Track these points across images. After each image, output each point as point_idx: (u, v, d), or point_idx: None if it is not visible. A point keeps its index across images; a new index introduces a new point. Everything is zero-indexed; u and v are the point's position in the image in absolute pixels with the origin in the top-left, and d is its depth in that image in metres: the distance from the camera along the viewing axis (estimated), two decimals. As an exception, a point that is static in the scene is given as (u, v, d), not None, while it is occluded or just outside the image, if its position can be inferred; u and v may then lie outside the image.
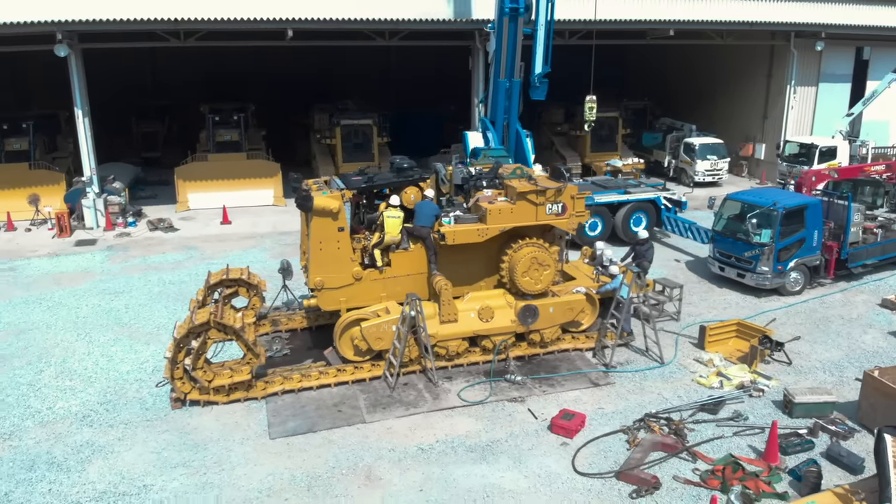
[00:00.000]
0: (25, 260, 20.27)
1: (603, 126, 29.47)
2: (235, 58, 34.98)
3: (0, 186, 23.71)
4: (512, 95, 20.51)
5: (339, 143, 27.11)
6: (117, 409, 12.01)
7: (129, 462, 10.48)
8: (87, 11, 20.24)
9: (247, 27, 22.05)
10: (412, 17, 23.47)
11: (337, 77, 37.92)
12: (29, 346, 14.49)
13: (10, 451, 10.72)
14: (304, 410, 11.91)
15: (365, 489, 9.82)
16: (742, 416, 11.47)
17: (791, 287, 16.87)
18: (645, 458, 10.31)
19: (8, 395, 12.44)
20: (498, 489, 9.76)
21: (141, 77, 37.62)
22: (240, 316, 12.42)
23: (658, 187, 22.00)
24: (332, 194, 12.68)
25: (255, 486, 9.91)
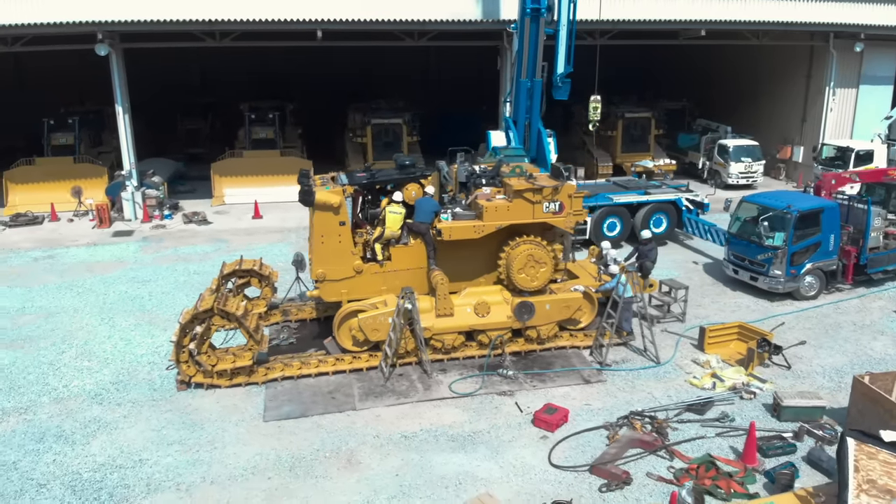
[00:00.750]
0: (64, 249, 21.40)
1: (635, 126, 29.31)
2: (279, 58, 35.99)
3: (46, 179, 25.00)
4: (534, 95, 20.68)
5: (370, 142, 27.67)
6: (127, 388, 12.72)
7: (130, 438, 11.12)
8: (126, 12, 21.28)
9: (277, 28, 22.76)
10: (440, 18, 23.83)
11: (377, 77, 38.53)
12: (56, 328, 15.39)
13: (23, 424, 11.50)
14: (300, 396, 12.39)
15: (344, 471, 10.22)
16: (728, 418, 11.45)
17: (806, 291, 16.59)
18: (621, 453, 10.43)
19: (30, 372, 13.29)
20: (471, 477, 10.04)
21: (189, 75, 38.97)
22: (243, 304, 12.99)
23: (681, 189, 21.81)
24: (333, 190, 13.14)
25: (241, 464, 10.42)
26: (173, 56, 33.85)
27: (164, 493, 9.75)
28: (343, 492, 9.75)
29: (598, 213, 20.40)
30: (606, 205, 20.47)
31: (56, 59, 29.15)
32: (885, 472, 8.00)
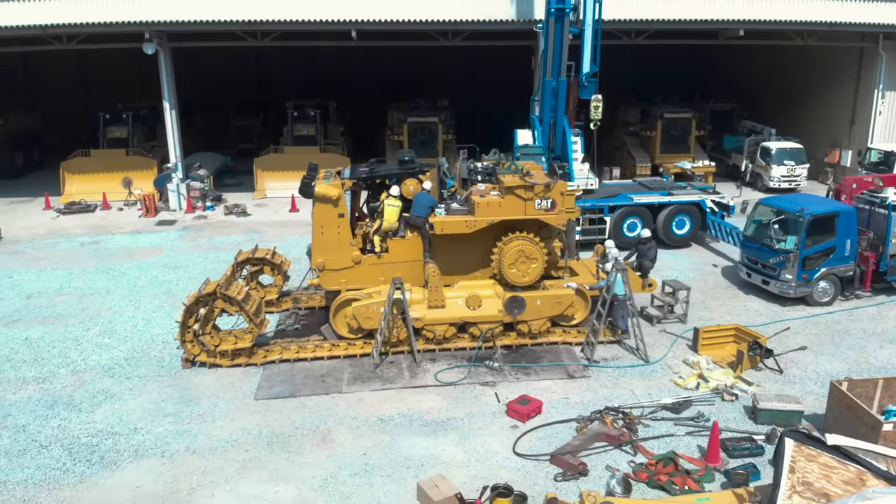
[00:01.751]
0: (110, 235, 22.80)
1: (675, 127, 28.93)
2: (331, 58, 37.16)
3: (99, 170, 26.62)
4: (559, 94, 20.86)
5: (406, 140, 28.27)
6: (138, 364, 13.65)
7: (130, 409, 11.99)
8: (172, 13, 22.45)
9: (313, 28, 23.58)
10: (473, 18, 24.17)
11: (424, 77, 39.13)
12: (86, 307, 16.55)
13: (39, 392, 12.54)
14: (293, 378, 13.04)
15: (317, 448, 10.78)
16: (703, 418, 11.45)
17: (819, 297, 16.24)
18: (585, 445, 10.62)
19: (54, 346, 14.40)
20: (434, 459, 10.44)
21: (247, 74, 40.55)
22: (245, 289, 13.74)
23: (707, 190, 21.53)
24: (332, 183, 13.74)
25: (225, 437, 11.12)
26: (233, 56, 35.55)
27: (149, 459, 10.52)
28: (311, 466, 10.31)
29: (618, 213, 20.39)
30: (626, 205, 20.42)
31: (117, 58, 31.09)
32: (824, 475, 7.97)
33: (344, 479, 10.02)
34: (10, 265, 19.64)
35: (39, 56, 32.03)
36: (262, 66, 40.25)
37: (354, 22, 23.34)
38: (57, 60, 33.78)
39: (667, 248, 20.77)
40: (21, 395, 12.43)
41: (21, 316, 16.00)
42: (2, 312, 16.16)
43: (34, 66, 37.11)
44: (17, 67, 36.47)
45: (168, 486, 9.88)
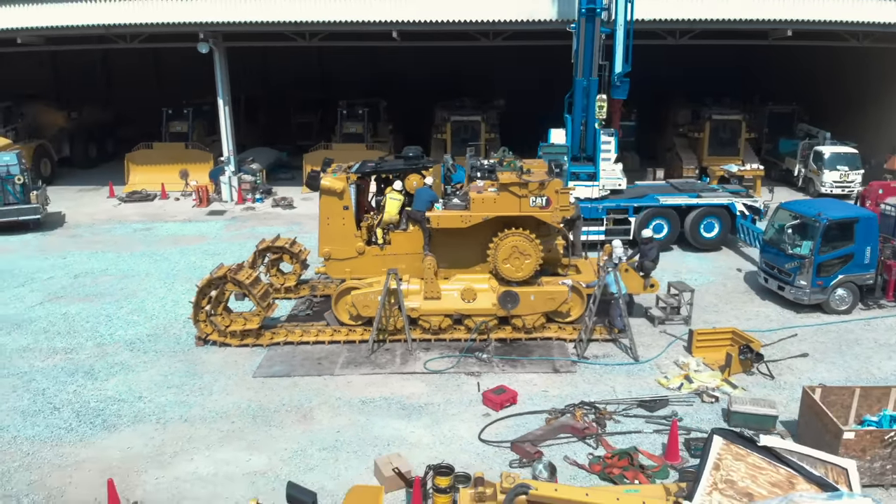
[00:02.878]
0: (162, 223, 24.36)
1: (724, 129, 28.33)
2: (389, 59, 38.09)
3: (160, 161, 28.37)
4: (590, 94, 20.97)
5: (449, 138, 28.82)
6: (157, 340, 14.75)
7: (141, 380, 13.05)
8: (224, 14, 23.78)
9: (356, 29, 24.49)
10: (513, 19, 24.46)
11: (476, 77, 39.40)
12: (124, 287, 17.90)
13: (64, 361, 13.78)
14: (292, 359, 13.83)
15: (296, 424, 11.49)
16: (677, 417, 11.51)
17: (836, 305, 15.80)
18: (548, 436, 10.91)
19: (87, 321, 15.71)
20: (401, 440, 10.96)
21: (310, 72, 42.02)
22: (255, 274, 14.63)
23: (740, 193, 21.12)
24: (338, 176, 14.45)
25: (216, 409, 11.99)
26: (297, 56, 36.99)
27: (145, 425, 11.49)
28: (286, 439, 11.03)
29: (643, 214, 20.30)
30: (652, 206, 20.31)
31: (187, 56, 32.91)
32: (750, 475, 8.03)
33: (312, 452, 10.67)
34: (67, 247, 21.35)
35: (118, 54, 34.34)
36: (324, 66, 41.57)
37: (396, 23, 24.03)
38: (134, 58, 36.06)
39: (695, 251, 20.58)
40: (48, 362, 13.70)
41: (65, 293, 17.47)
42: (49, 289, 17.68)
43: (112, 64, 39.69)
44: (96, 64, 39.06)
45: (155, 449, 10.79)
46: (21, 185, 22.22)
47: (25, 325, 15.40)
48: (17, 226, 22.59)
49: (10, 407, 11.97)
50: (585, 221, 20.22)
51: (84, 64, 38.14)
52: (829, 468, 8.51)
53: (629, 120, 32.65)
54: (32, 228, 22.89)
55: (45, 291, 17.52)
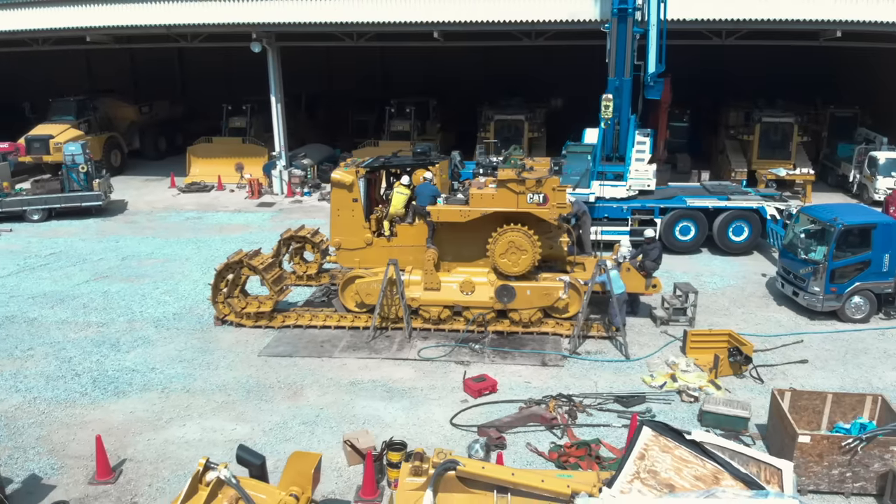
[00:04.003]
0: (213, 212, 25.84)
1: (775, 132, 27.58)
2: (446, 60, 38.79)
3: (219, 155, 29.99)
4: (622, 94, 21.03)
5: (493, 137, 29.18)
6: (181, 319, 15.89)
7: (157, 353, 14.16)
8: (275, 14, 25.02)
9: (399, 29, 25.26)
10: (554, 19, 24.64)
11: (530, 77, 39.62)
12: (164, 270, 19.23)
13: (95, 333, 15.08)
14: (298, 341, 14.66)
15: (285, 400, 12.28)
16: (650, 414, 11.65)
17: (852, 313, 15.39)
18: (515, 423, 11.27)
19: (123, 299, 17.05)
20: (378, 420, 11.56)
21: (372, 72, 43.24)
22: (270, 260, 15.56)
23: (774, 197, 20.65)
24: (348, 170, 15.18)
25: (217, 382, 12.92)
26: (361, 56, 38.19)
27: (151, 393, 12.53)
28: (272, 413, 11.82)
29: (670, 215, 20.17)
30: (678, 207, 20.15)
31: (257, 55, 34.66)
32: (675, 467, 8.19)
33: (293, 426, 11.42)
34: (122, 232, 23.03)
35: (192, 52, 36.36)
36: (385, 66, 42.68)
37: (438, 23, 24.66)
38: (207, 56, 38.04)
39: (724, 254, 20.29)
40: (81, 334, 15.02)
41: (111, 273, 18.95)
42: (97, 269, 19.22)
43: (188, 62, 42.01)
44: (173, 62, 41.45)
45: (154, 415, 11.79)
46: (85, 173, 24.08)
47: (68, 301, 16.87)
48: (81, 211, 24.49)
49: (37, 371, 13.27)
50: (610, 221, 20.44)
51: (160, 62, 40.61)
52: (763, 468, 8.54)
53: (682, 121, 32.26)
54: (94, 214, 24.75)
55: (92, 271, 19.06)
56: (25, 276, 18.58)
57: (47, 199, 23.86)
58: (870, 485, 9.58)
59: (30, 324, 15.49)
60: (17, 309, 16.33)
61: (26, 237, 22.27)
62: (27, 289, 17.65)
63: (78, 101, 30.68)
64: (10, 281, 18.22)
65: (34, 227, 23.36)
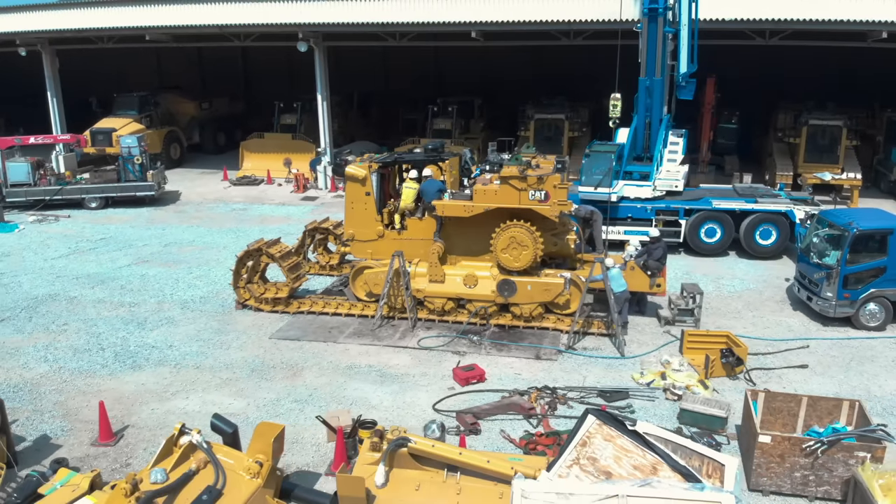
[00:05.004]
0: (259, 205, 27.03)
1: (823, 135, 26.79)
2: (498, 58, 39.11)
3: (269, 150, 31.28)
4: (653, 94, 21.03)
5: (532, 136, 29.41)
6: (206, 302, 16.90)
7: (178, 332, 15.17)
8: (320, 15, 26.01)
9: (439, 29, 25.87)
10: (592, 18, 24.70)
11: (577, 76, 39.46)
12: (201, 257, 20.38)
13: (126, 312, 16.23)
14: (309, 326, 15.41)
15: (283, 380, 13.02)
16: (629, 409, 11.81)
17: (866, 320, 15.02)
18: (494, 411, 11.64)
19: (158, 282, 18.22)
20: (365, 402, 12.15)
21: (426, 71, 43.98)
22: (288, 249, 16.39)
23: (806, 201, 20.19)
24: (361, 165, 15.83)
25: (226, 361, 13.78)
26: (417, 56, 39.03)
27: (164, 368, 13.50)
28: (268, 391, 12.57)
29: (695, 217, 20.00)
30: (704, 209, 19.96)
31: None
32: (615, 456, 8.44)
33: (285, 403, 12.13)
34: (170, 220, 24.45)
35: (256, 51, 37.89)
36: (439, 66, 43.34)
37: (473, 23, 25.13)
38: (269, 55, 39.59)
39: (751, 258, 19.99)
40: (113, 313, 16.21)
41: (151, 258, 20.23)
42: (140, 254, 20.55)
43: (251, 60, 43.74)
44: (237, 60, 43.26)
45: (162, 387, 12.72)
46: (140, 164, 25.63)
47: (108, 282, 18.17)
48: (135, 200, 26.08)
49: (67, 344, 14.46)
50: (634, 221, 20.43)
51: (225, 60, 42.47)
52: (707, 462, 8.69)
53: (731, 122, 31.65)
54: (147, 203, 26.31)
55: (135, 256, 20.40)
56: (74, 259, 20.06)
57: (104, 188, 25.54)
58: (834, 489, 9.53)
59: (69, 302, 16.80)
60: (60, 288, 17.71)
61: (82, 223, 23.95)
62: (73, 270, 19.08)
63: (140, 96, 32.55)
64: (59, 262, 19.72)
65: (91, 214, 25.06)
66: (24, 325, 15.40)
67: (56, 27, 28.25)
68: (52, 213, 24.64)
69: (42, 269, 19.11)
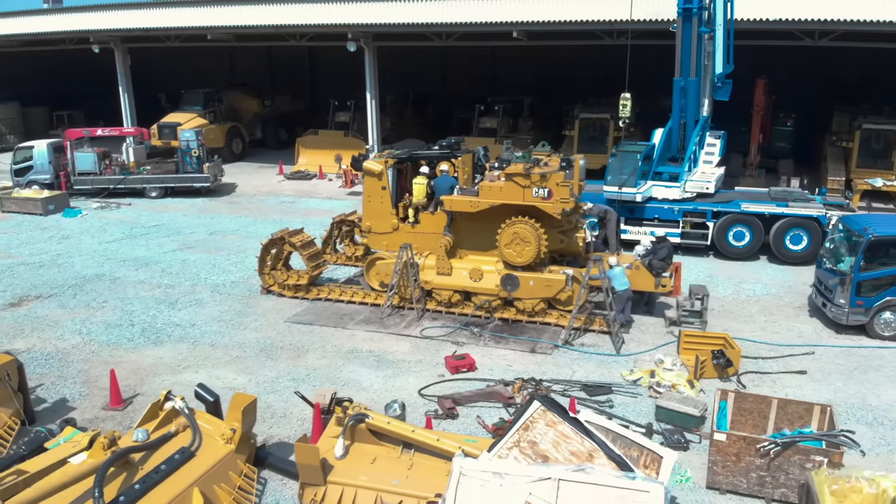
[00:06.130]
0: (307, 198, 28.22)
1: (877, 139, 25.77)
2: (553, 59, 39.22)
3: (323, 146, 32.50)
4: (687, 94, 20.94)
5: (577, 135, 29.46)
6: (235, 287, 17.99)
7: (203, 313, 16.27)
8: (368, 16, 26.95)
9: (482, 29, 26.35)
10: (635, 18, 24.59)
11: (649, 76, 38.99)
12: (241, 244, 21.58)
13: (161, 293, 17.48)
14: (323, 313, 16.24)
15: (287, 360, 13.85)
16: (609, 404, 12.03)
17: (881, 329, 14.62)
18: (475, 398, 12.09)
19: (196, 267, 19.47)
20: (356, 384, 12.83)
21: (483, 71, 44.44)
22: (312, 239, 17.28)
23: (841, 206, 19.62)
24: (377, 161, 16.52)
25: (240, 340, 14.75)
26: (475, 56, 39.66)
27: (182, 344, 14.57)
28: (271, 369, 13.42)
29: (723, 219, 19.76)
30: (732, 212, 19.69)
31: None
32: (554, 442, 8.79)
33: (283, 381, 12.95)
34: (220, 210, 25.89)
35: (322, 51, 39.35)
36: (497, 66, 43.72)
37: (515, 23, 25.49)
38: (334, 54, 40.90)
39: (781, 263, 19.59)
40: (150, 293, 17.50)
41: (195, 245, 21.58)
42: (186, 241, 21.95)
43: (318, 59, 45.33)
44: (304, 59, 44.93)
45: (176, 361, 13.78)
46: (197, 157, 27.22)
47: (151, 265, 19.56)
48: (192, 191, 27.71)
49: (101, 319, 15.77)
50: (661, 223, 20.34)
51: (293, 59, 44.20)
52: (646, 453, 8.94)
53: (786, 125, 30.77)
54: (203, 194, 27.90)
55: (181, 242, 21.80)
56: (126, 243, 21.64)
57: (163, 178, 27.28)
58: (791, 492, 9.52)
59: (113, 282, 18.23)
60: (108, 269, 19.21)
61: (140, 210, 25.69)
62: (123, 253, 20.61)
63: (205, 93, 34.42)
64: (112, 246, 21.33)
65: (150, 203, 26.82)
66: (68, 301, 16.86)
67: (126, 26, 30.36)
68: (114, 201, 26.54)
69: (95, 252, 20.73)
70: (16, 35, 33.20)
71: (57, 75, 42.66)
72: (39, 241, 21.84)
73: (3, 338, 14.69)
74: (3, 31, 32.78)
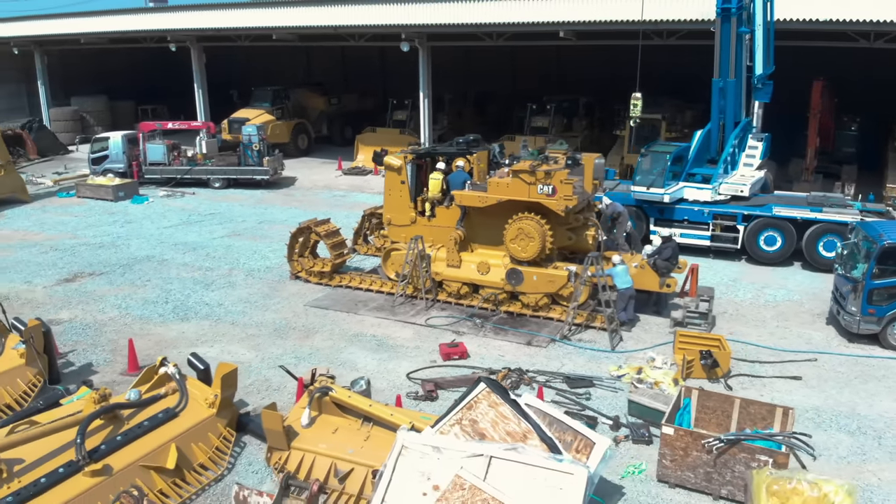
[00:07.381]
0: (358, 193, 29.34)
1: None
2: (614, 58, 38.86)
3: (380, 144, 33.36)
4: (726, 95, 20.77)
5: (628, 135, 29.26)
6: (268, 272, 19.18)
7: (234, 294, 17.49)
8: (420, 16, 27.78)
9: (532, 29, 26.66)
10: (684, 18, 24.39)
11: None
12: (285, 233, 22.43)
13: (199, 275, 18.86)
14: (341, 298, 17.16)
15: (296, 339, 14.81)
16: (586, 396, 12.32)
17: (894, 340, 14.19)
18: (457, 383, 12.63)
19: (237, 252, 20.81)
20: (351, 364, 13.62)
21: (549, 71, 44.53)
22: (337, 229, 18.24)
23: (881, 213, 18.89)
24: (397, 156, 17.28)
25: (258, 320, 15.84)
26: (543, 56, 39.91)
27: (205, 321, 15.80)
28: (278, 347, 14.41)
29: (754, 223, 19.41)
30: (763, 216, 19.31)
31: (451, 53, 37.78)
32: (493, 421, 9.27)
33: (286, 357, 13.89)
34: (275, 202, 27.35)
35: (392, 51, 40.42)
36: (562, 66, 43.72)
37: (561, 23, 25.69)
38: (403, 54, 42.12)
39: (814, 270, 19.07)
40: (189, 275, 18.91)
41: (243, 232, 23.01)
42: (235, 228, 23.43)
43: (389, 59, 46.56)
44: (375, 59, 46.32)
45: (197, 336, 14.99)
46: (258, 151, 28.82)
47: (198, 249, 21.06)
48: (252, 183, 29.35)
49: (141, 297, 17.24)
50: (691, 224, 20.19)
51: (366, 59, 45.66)
52: (580, 438, 9.28)
53: (850, 129, 29.52)
54: (263, 186, 29.48)
55: (231, 229, 23.29)
56: (180, 229, 23.32)
57: (225, 170, 29.03)
58: (738, 490, 9.62)
59: (160, 263, 19.79)
60: (158, 252, 20.84)
61: (201, 199, 27.49)
62: (175, 237, 22.26)
63: (274, 90, 36.18)
64: (167, 231, 23.04)
65: (212, 193, 28.62)
66: (116, 279, 18.48)
67: (199, 26, 32.37)
68: (180, 190, 28.49)
69: (151, 236, 22.47)
70: (104, 32, 35.94)
71: (145, 70, 45.80)
72: (104, 225, 23.85)
73: (52, 308, 16.35)
74: (92, 29, 35.56)
